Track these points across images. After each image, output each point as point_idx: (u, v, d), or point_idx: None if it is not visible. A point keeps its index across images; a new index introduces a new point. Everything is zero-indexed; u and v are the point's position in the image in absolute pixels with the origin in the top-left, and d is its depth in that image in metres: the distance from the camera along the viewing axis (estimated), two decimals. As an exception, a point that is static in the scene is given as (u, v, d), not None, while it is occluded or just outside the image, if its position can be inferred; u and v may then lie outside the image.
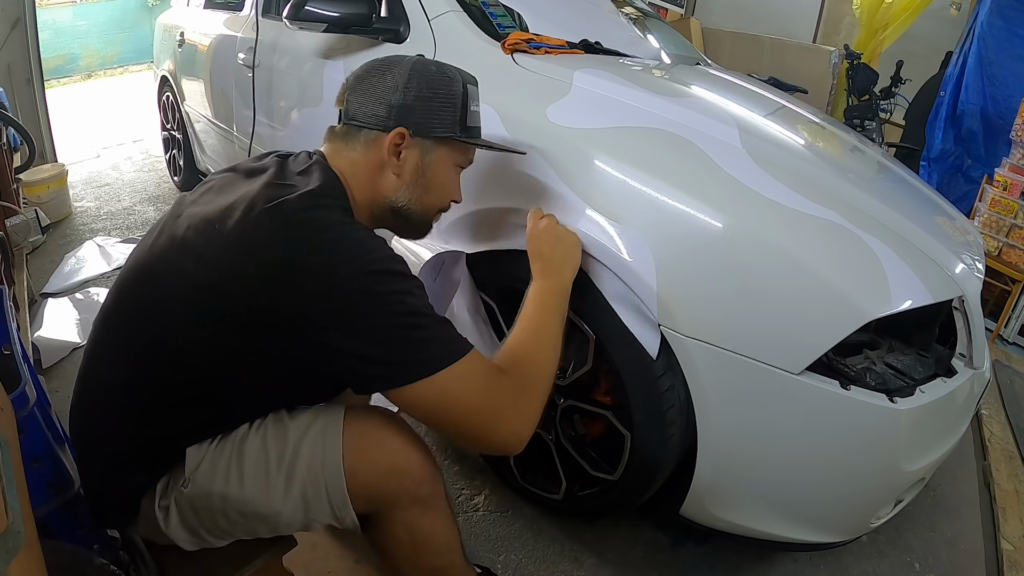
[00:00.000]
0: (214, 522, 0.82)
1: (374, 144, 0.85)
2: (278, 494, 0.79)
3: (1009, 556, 1.45)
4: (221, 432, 0.82)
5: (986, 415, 1.98)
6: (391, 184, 0.88)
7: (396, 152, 0.86)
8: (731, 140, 1.16)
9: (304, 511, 0.80)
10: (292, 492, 0.79)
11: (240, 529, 0.83)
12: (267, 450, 0.80)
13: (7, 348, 0.83)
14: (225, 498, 0.79)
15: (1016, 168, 2.66)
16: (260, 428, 0.82)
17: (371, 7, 1.44)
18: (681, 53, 2.00)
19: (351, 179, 0.86)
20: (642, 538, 1.36)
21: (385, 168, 0.86)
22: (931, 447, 1.08)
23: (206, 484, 0.79)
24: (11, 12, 2.94)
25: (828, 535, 1.12)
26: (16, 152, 2.65)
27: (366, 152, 0.86)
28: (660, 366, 1.05)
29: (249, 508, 0.79)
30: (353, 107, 0.87)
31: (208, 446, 0.81)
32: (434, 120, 0.87)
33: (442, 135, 0.89)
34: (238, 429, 0.82)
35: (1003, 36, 3.02)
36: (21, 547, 0.52)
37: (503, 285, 1.26)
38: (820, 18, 4.84)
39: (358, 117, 0.86)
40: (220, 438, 0.81)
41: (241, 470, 0.79)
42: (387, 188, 0.88)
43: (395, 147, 0.85)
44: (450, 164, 0.94)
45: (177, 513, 0.81)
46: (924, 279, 1.02)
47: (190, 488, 0.79)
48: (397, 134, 0.85)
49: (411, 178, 0.89)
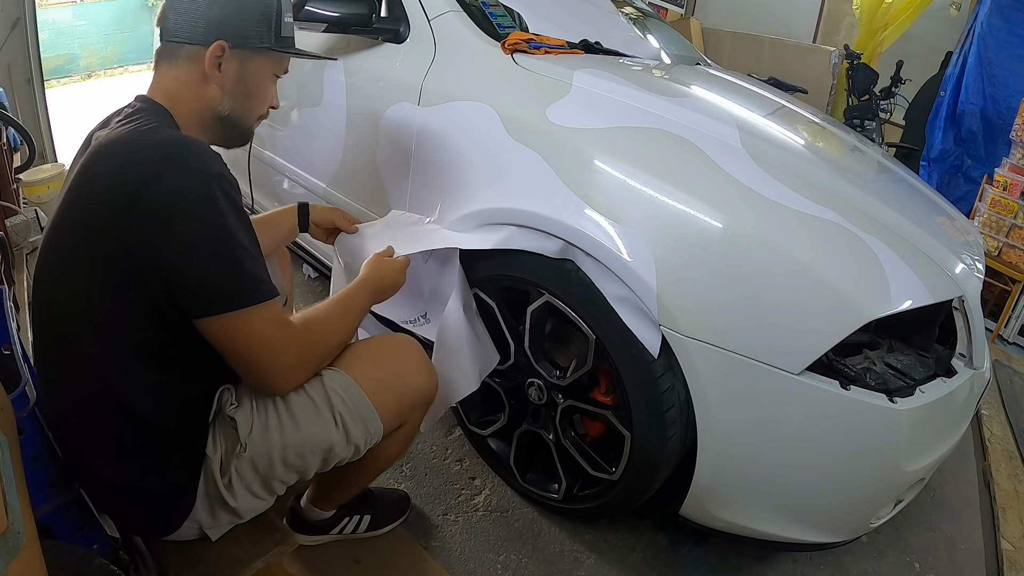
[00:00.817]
0: (273, 474, 0.89)
1: (196, 58, 0.88)
2: (330, 427, 0.91)
3: (1009, 556, 1.45)
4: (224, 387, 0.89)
5: (986, 415, 1.98)
6: (214, 94, 0.91)
7: (217, 64, 0.89)
8: (731, 140, 1.16)
9: (347, 437, 0.93)
10: (338, 423, 0.92)
11: (296, 471, 0.92)
12: (309, 395, 0.91)
13: (7, 348, 0.83)
14: (285, 446, 0.88)
15: (1016, 168, 2.66)
16: None
17: (371, 7, 1.44)
18: (681, 53, 2.00)
19: (177, 94, 0.90)
20: (642, 538, 1.36)
21: (208, 80, 0.90)
22: (931, 447, 1.08)
23: (262, 442, 0.87)
24: (11, 12, 2.93)
25: (828, 535, 1.12)
26: (16, 152, 2.65)
27: (188, 66, 0.89)
28: (660, 366, 1.05)
29: (307, 447, 0.90)
30: (172, 24, 0.89)
31: (250, 411, 0.87)
32: (250, 32, 0.91)
33: (258, 46, 0.93)
34: None
35: (1003, 36, 3.02)
36: (21, 547, 0.52)
37: (503, 285, 1.26)
38: (820, 18, 4.84)
39: (178, 34, 0.88)
40: (254, 403, 0.88)
41: (293, 417, 0.89)
42: (211, 98, 0.91)
43: (215, 59, 0.88)
44: (267, 73, 0.98)
45: (239, 479, 0.87)
46: (924, 279, 1.02)
47: (248, 451, 0.86)
48: (217, 46, 0.88)
49: (232, 87, 0.92)
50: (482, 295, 1.28)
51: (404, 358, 1.03)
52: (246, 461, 0.87)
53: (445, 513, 1.37)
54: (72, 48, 6.71)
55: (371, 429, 0.96)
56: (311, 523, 1.22)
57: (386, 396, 0.97)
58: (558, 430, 1.27)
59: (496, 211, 1.19)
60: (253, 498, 0.91)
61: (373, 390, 0.95)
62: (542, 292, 1.17)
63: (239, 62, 0.91)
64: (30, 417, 0.80)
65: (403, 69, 1.43)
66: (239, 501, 0.89)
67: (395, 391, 1.00)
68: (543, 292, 1.17)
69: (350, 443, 0.94)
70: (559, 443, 1.28)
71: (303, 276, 2.31)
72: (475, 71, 1.36)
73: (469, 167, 1.26)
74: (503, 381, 1.35)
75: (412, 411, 1.04)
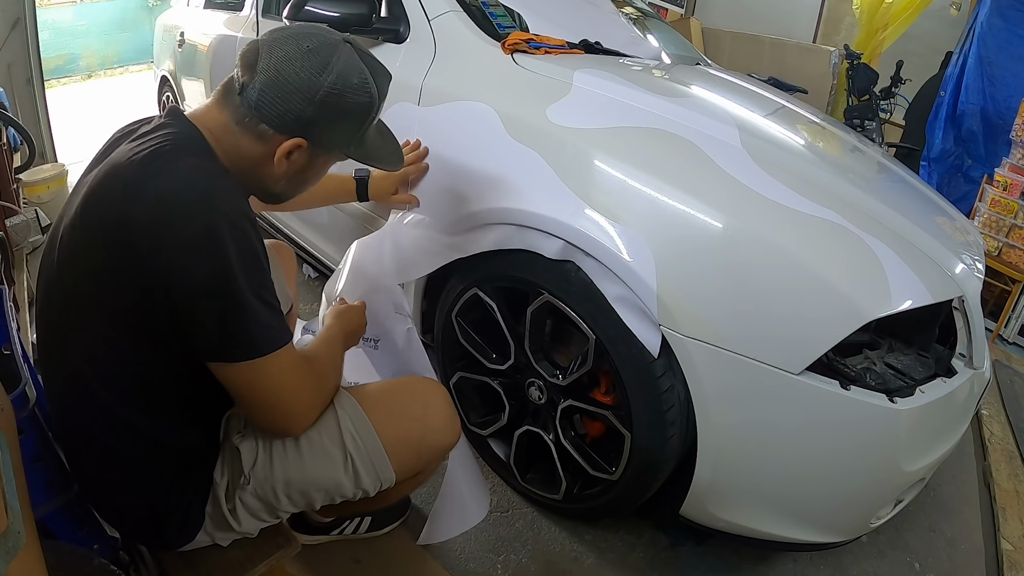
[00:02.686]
0: (278, 504, 0.88)
1: (269, 140, 0.81)
2: (339, 468, 0.88)
3: (1009, 556, 1.45)
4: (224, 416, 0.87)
5: (986, 415, 1.98)
6: (272, 175, 0.85)
7: (288, 156, 0.82)
8: (731, 140, 1.16)
9: (356, 481, 0.90)
10: (348, 465, 0.89)
11: (299, 504, 0.90)
12: (320, 432, 0.87)
13: (7, 348, 0.83)
14: (288, 482, 0.86)
15: (1016, 168, 2.66)
16: None
17: (371, 7, 1.44)
18: (681, 53, 2.00)
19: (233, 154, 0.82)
20: (642, 538, 1.36)
21: (271, 162, 0.83)
22: (931, 447, 1.08)
23: (266, 475, 0.85)
24: (11, 12, 2.94)
25: (828, 535, 1.12)
26: (16, 152, 2.65)
27: (258, 142, 0.81)
28: (660, 366, 1.05)
29: (311, 484, 0.88)
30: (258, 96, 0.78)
31: (254, 442, 0.85)
32: (337, 140, 0.86)
33: (336, 150, 0.88)
34: None
35: (1003, 36, 3.02)
36: (21, 547, 0.52)
37: (503, 285, 1.26)
38: (820, 18, 4.84)
39: (262, 111, 0.79)
40: (256, 437, 0.86)
41: (300, 454, 0.86)
42: (268, 177, 0.85)
43: (288, 153, 0.82)
44: (330, 166, 0.94)
45: (243, 507, 0.86)
46: (924, 279, 1.02)
47: (252, 483, 0.85)
48: (296, 143, 0.81)
49: (294, 175, 0.88)
50: (482, 295, 1.28)
51: (430, 410, 0.98)
52: (249, 492, 0.85)
53: (445, 513, 1.37)
54: (72, 48, 6.70)
55: (383, 477, 0.92)
56: (312, 524, 1.22)
57: (403, 449, 0.93)
58: (558, 430, 1.27)
59: (496, 211, 1.19)
60: (258, 522, 0.90)
61: (390, 440, 0.91)
62: (542, 292, 1.17)
63: (310, 158, 0.85)
64: (30, 417, 0.80)
65: (403, 69, 1.43)
66: (243, 526, 0.88)
67: (415, 445, 0.95)
68: (543, 292, 1.17)
69: (359, 487, 0.91)
70: (559, 443, 1.28)
71: (303, 276, 2.31)
72: (475, 71, 1.36)
73: (469, 167, 1.26)
74: (503, 381, 1.35)
75: (429, 463, 1.02)
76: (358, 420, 0.90)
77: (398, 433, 0.93)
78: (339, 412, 0.89)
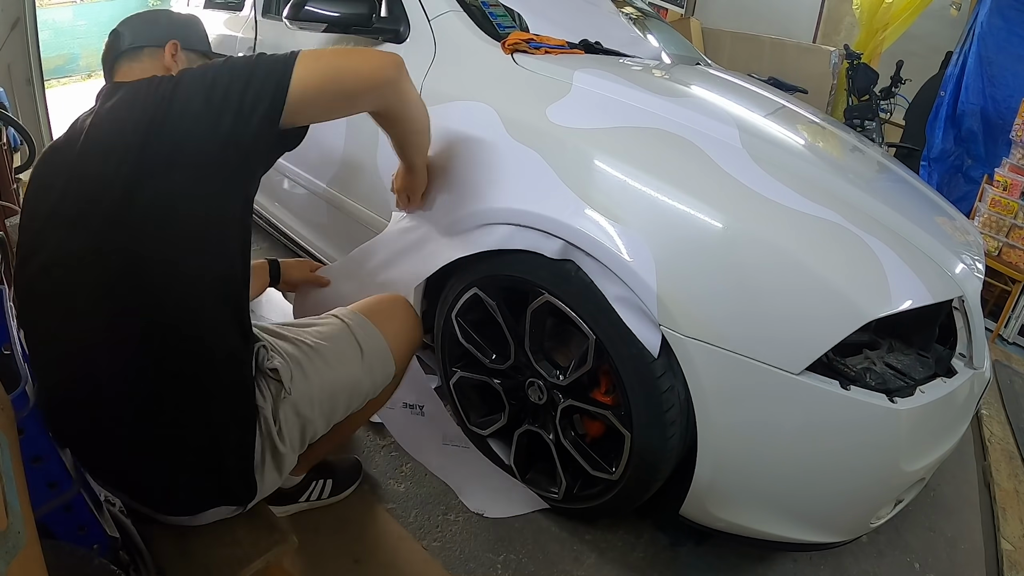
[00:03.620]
0: (312, 414, 1.00)
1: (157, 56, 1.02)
2: (357, 362, 1.08)
3: (1009, 556, 1.45)
4: None
5: (986, 415, 1.98)
6: None
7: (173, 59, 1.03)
8: (731, 140, 1.16)
9: (370, 372, 1.10)
10: (363, 358, 1.08)
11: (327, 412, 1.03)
12: (335, 342, 1.07)
13: (7, 348, 0.83)
14: (322, 386, 1.01)
15: (1016, 168, 2.67)
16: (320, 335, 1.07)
17: (371, 7, 1.44)
18: (681, 53, 2.00)
19: None
20: (642, 538, 1.36)
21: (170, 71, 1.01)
22: (931, 447, 1.08)
23: (304, 385, 0.99)
24: (11, 12, 2.93)
25: (828, 535, 1.13)
26: (16, 152, 2.65)
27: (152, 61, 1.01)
28: (660, 366, 1.05)
29: (339, 386, 1.04)
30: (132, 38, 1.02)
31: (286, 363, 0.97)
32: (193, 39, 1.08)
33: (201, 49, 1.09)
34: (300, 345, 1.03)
35: (1003, 36, 3.02)
36: (21, 547, 0.52)
37: (503, 285, 1.26)
38: (820, 18, 4.85)
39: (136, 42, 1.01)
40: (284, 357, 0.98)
41: (326, 361, 1.03)
42: None
43: (172, 56, 1.02)
44: None
45: (286, 424, 0.97)
46: (924, 279, 1.02)
47: (293, 395, 0.96)
48: (172, 44, 1.03)
49: None
50: (482, 295, 1.28)
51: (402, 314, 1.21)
52: (290, 406, 0.96)
53: (445, 513, 1.37)
54: (72, 48, 6.70)
55: (387, 369, 1.13)
56: (281, 493, 1.26)
57: (396, 344, 1.15)
58: (558, 430, 1.27)
59: (496, 211, 1.19)
60: (291, 451, 0.99)
61: (387, 335, 1.14)
62: (542, 292, 1.17)
63: (187, 60, 1.05)
64: (30, 417, 0.80)
65: (403, 69, 1.43)
66: (287, 445, 0.97)
67: (402, 340, 1.17)
68: (543, 292, 1.17)
69: (372, 381, 1.10)
70: (559, 443, 1.28)
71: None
72: (475, 71, 1.36)
73: (469, 167, 1.26)
74: (503, 381, 1.35)
75: (406, 360, 1.21)
76: (362, 323, 1.12)
77: (391, 330, 1.15)
78: (347, 321, 1.11)
